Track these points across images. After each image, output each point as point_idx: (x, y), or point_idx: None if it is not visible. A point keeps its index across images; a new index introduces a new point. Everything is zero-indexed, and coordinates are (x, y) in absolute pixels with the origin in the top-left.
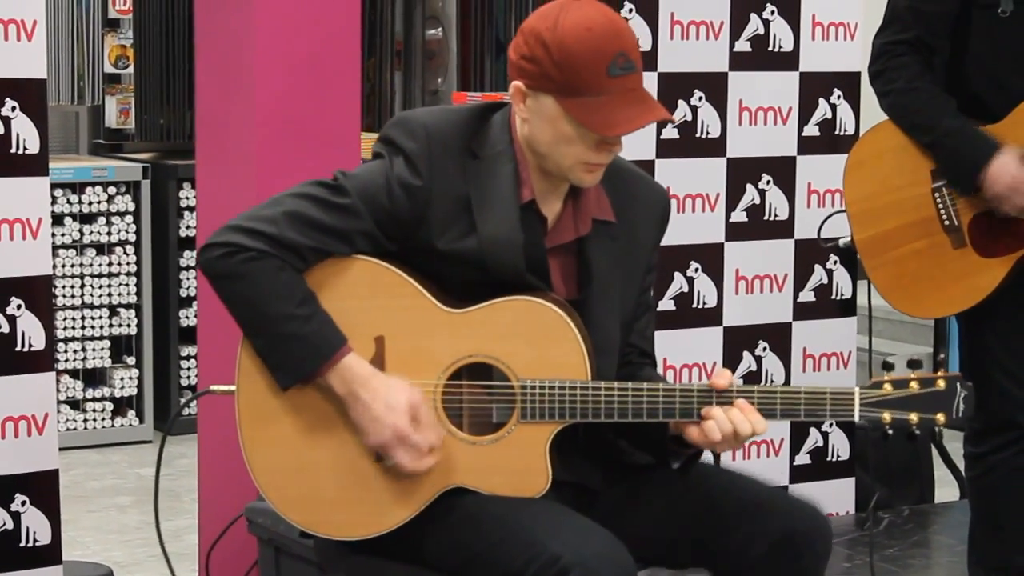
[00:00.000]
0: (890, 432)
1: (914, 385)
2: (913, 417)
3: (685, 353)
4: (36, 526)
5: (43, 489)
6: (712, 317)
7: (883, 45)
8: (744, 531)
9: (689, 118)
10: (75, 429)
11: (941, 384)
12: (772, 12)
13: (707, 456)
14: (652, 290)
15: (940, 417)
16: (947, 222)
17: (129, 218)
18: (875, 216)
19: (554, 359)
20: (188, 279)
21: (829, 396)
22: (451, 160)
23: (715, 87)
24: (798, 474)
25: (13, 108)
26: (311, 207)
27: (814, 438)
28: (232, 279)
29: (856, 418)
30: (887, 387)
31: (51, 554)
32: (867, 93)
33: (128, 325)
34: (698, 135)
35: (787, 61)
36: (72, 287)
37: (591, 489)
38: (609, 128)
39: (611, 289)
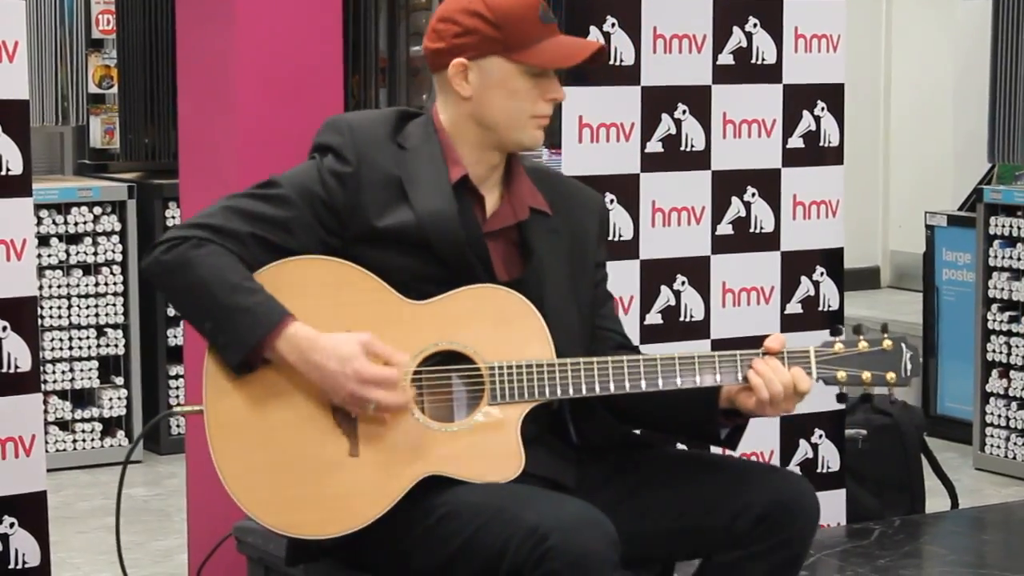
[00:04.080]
0: (845, 391)
1: (863, 345)
2: (865, 375)
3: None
4: (25, 548)
5: (31, 511)
6: (700, 330)
7: None
8: (729, 507)
9: (673, 132)
10: (64, 450)
11: (888, 344)
12: (755, 25)
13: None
14: (606, 285)
15: (890, 376)
16: None
17: (115, 238)
18: None
19: (520, 342)
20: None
21: (786, 356)
22: (377, 148)
23: (699, 100)
24: None
25: None
26: (247, 200)
27: (804, 449)
28: (176, 269)
29: (814, 375)
30: (838, 346)
31: None
32: (851, 104)
33: (116, 345)
34: (682, 148)
35: (770, 74)
36: (59, 307)
37: (564, 485)
38: (567, 59)
39: (558, 273)
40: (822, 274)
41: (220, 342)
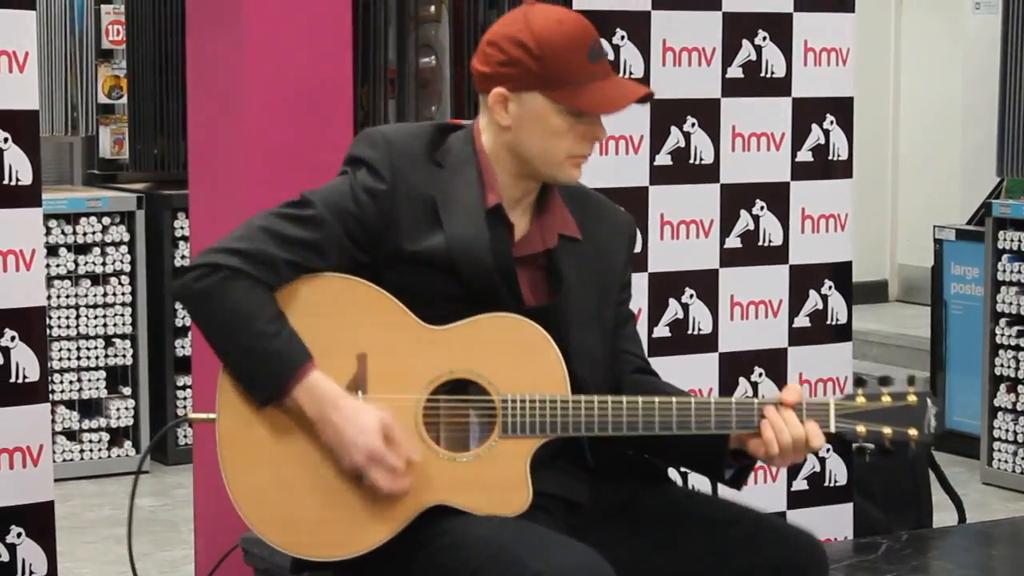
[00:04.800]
0: (865, 445)
1: (886, 399)
2: (887, 431)
3: (681, 379)
4: (32, 558)
5: (39, 521)
6: (708, 343)
7: None
8: (741, 562)
9: (682, 144)
10: (72, 460)
11: (912, 399)
12: (764, 38)
13: (705, 486)
14: (629, 304)
15: (913, 432)
16: None
17: (124, 248)
18: None
19: (535, 375)
20: (183, 309)
21: (804, 408)
22: (414, 166)
23: (708, 113)
24: (795, 500)
25: (5, 139)
26: (280, 222)
27: (811, 463)
28: (205, 299)
29: (832, 428)
30: (860, 400)
31: None
32: (860, 118)
33: (124, 355)
34: (691, 161)
35: (780, 87)
36: (67, 318)
37: (577, 503)
38: (607, 105)
39: (585, 300)
40: (830, 287)
41: (244, 382)
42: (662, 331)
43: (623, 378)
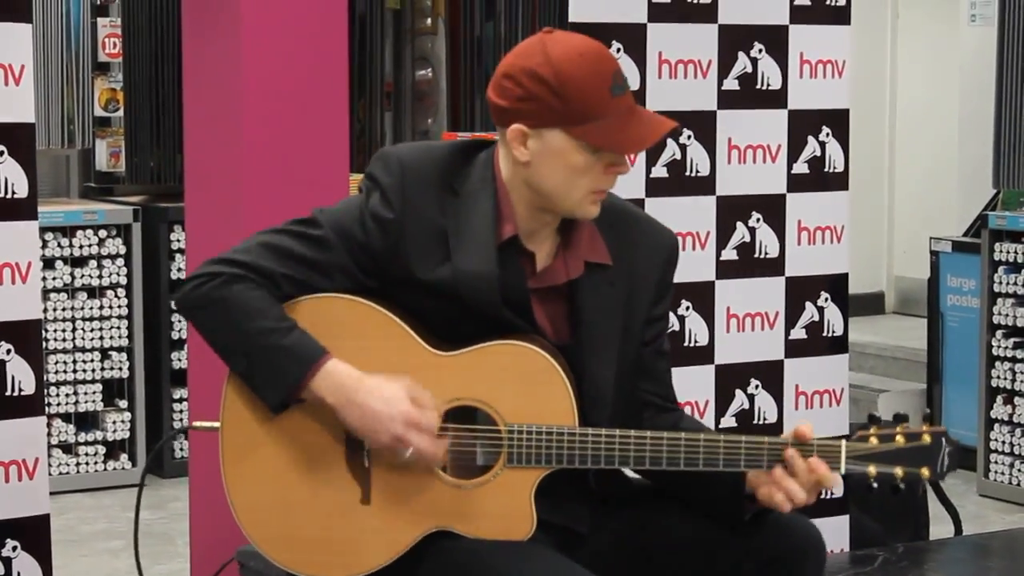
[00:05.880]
0: (875, 485)
1: (900, 439)
2: (898, 471)
3: (677, 392)
4: (27, 571)
5: (34, 534)
6: (704, 355)
7: None
8: (734, 551)
9: (678, 157)
10: (67, 473)
11: (927, 439)
12: (760, 50)
13: None
14: (666, 338)
15: (925, 471)
16: None
17: (120, 261)
18: None
19: (542, 405)
20: (180, 321)
21: (816, 448)
22: (427, 194)
23: (704, 125)
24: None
25: (1, 152)
26: (284, 238)
27: None
28: (208, 306)
29: (842, 470)
30: (873, 440)
31: None
32: (856, 130)
33: (120, 368)
34: (687, 173)
35: (775, 99)
36: (63, 330)
37: (578, 532)
38: (633, 145)
39: (605, 337)
40: (827, 299)
41: (257, 382)
42: None
43: (639, 416)
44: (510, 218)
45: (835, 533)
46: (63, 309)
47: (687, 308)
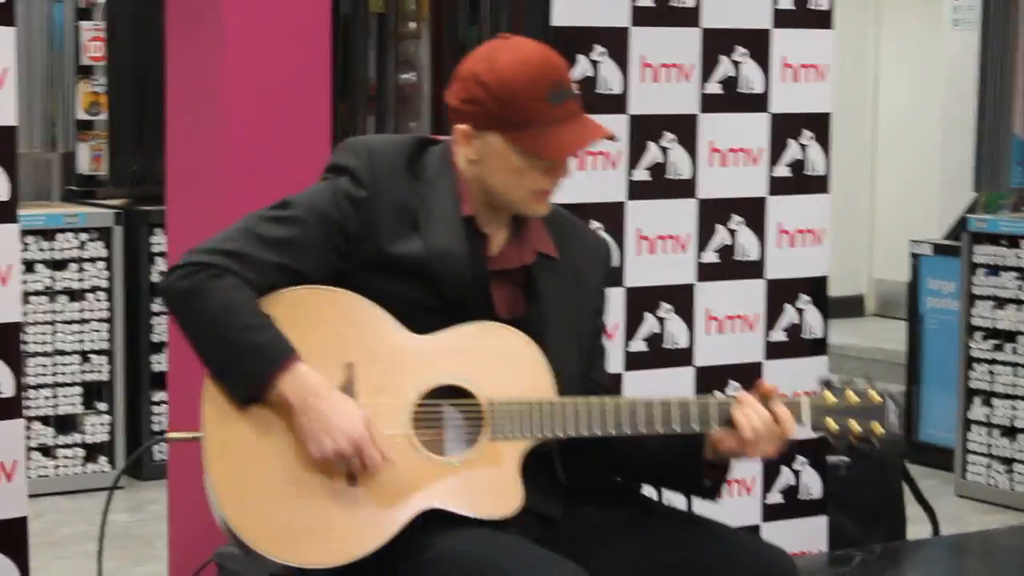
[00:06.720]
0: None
1: (852, 397)
2: (854, 425)
3: (657, 393)
4: (4, 573)
5: (12, 537)
6: (684, 357)
7: None
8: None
9: (660, 160)
10: (46, 476)
11: (876, 397)
12: (742, 54)
13: (679, 504)
14: (602, 335)
15: (876, 426)
16: None
17: (101, 264)
18: None
19: (521, 379)
20: (160, 325)
21: (779, 400)
22: (394, 176)
23: (685, 129)
24: (770, 513)
25: None
26: (264, 224)
27: (786, 477)
28: (191, 296)
29: (805, 420)
30: (828, 398)
31: None
32: (837, 134)
33: (100, 371)
34: (668, 176)
35: (757, 103)
36: (44, 333)
37: (551, 519)
38: (559, 152)
39: (562, 316)
40: (807, 302)
41: (227, 377)
42: (638, 345)
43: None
44: (468, 201)
45: (813, 534)
46: (43, 312)
47: (668, 311)
